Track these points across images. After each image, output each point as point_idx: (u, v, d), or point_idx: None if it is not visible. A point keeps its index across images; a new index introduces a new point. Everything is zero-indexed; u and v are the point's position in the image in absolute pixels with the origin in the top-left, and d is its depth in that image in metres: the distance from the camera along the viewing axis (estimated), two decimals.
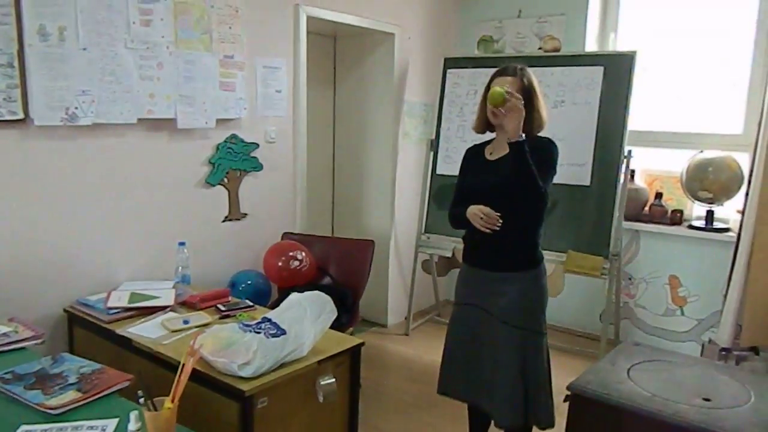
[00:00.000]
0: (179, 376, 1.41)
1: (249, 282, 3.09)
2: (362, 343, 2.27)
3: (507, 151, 2.17)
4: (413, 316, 4.35)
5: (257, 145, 3.22)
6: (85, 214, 2.54)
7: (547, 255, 3.70)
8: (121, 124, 2.58)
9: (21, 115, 2.26)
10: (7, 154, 2.27)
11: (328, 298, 2.14)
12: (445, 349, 2.42)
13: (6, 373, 1.65)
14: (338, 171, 4.54)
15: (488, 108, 2.18)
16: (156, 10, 2.62)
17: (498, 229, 2.17)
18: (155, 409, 1.39)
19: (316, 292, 2.17)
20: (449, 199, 4.10)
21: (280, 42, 3.30)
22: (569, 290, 4.29)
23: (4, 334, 1.93)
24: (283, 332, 2.00)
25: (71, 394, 1.56)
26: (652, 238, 3.95)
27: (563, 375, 2.30)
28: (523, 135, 2.11)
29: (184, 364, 1.46)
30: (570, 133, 3.67)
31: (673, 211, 3.93)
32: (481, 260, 2.31)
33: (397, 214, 4.29)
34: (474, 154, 2.41)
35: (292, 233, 3.42)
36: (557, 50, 4.17)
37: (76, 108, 2.40)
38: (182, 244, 2.76)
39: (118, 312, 2.36)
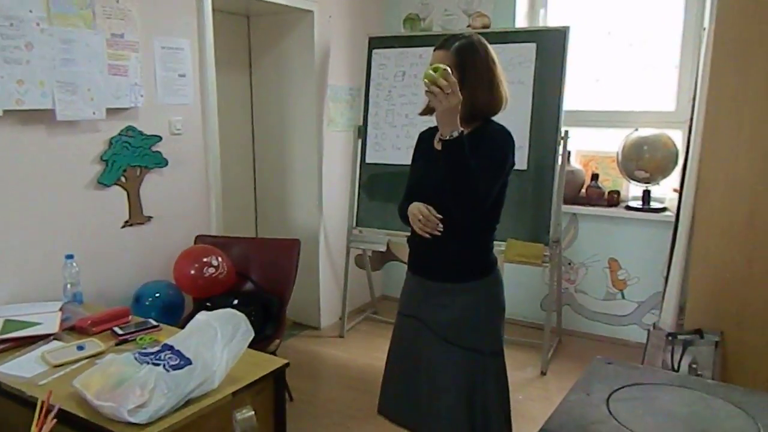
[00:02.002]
0: None
1: (157, 295, 2.70)
2: (287, 364, 1.95)
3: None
4: (348, 316, 4.06)
5: (160, 138, 2.81)
6: None
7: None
8: None
9: None
10: None
11: (242, 316, 1.81)
12: (385, 363, 2.11)
13: None
14: (259, 163, 4.17)
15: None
16: None
17: (439, 234, 1.82)
18: None
19: (228, 310, 1.84)
20: (381, 190, 3.88)
21: (182, 19, 2.89)
22: (508, 278, 4.09)
23: None
24: (188, 362, 1.66)
25: None
26: (590, 221, 3.84)
27: (509, 368, 2.05)
28: (460, 130, 1.67)
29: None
30: (504, 115, 3.45)
31: (609, 192, 3.82)
32: (422, 267, 1.99)
33: (326, 208, 3.98)
34: (425, 139, 2.00)
35: (206, 236, 3.04)
36: (487, 27, 3.96)
37: None
38: (70, 257, 2.34)
39: None
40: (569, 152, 3.76)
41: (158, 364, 1.64)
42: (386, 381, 2.09)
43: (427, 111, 1.90)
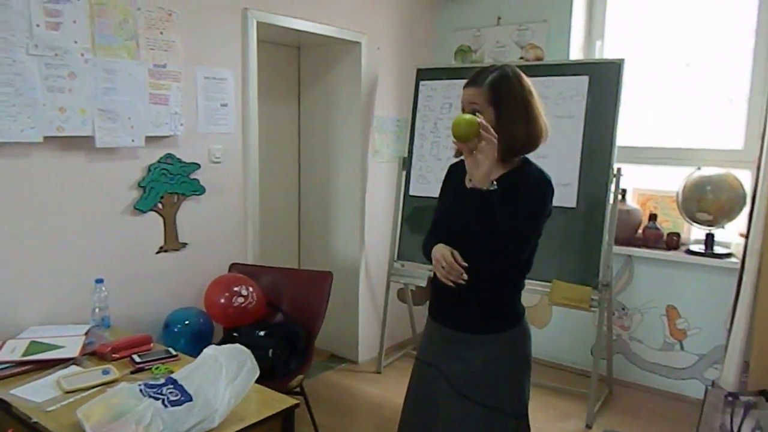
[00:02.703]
0: None
1: (187, 322, 2.70)
2: (296, 405, 1.87)
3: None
4: (387, 351, 3.95)
5: (198, 166, 2.84)
6: None
7: (531, 285, 3.35)
8: (24, 143, 2.21)
9: None
10: None
11: (248, 352, 1.75)
12: (402, 410, 1.97)
13: None
14: (304, 193, 4.17)
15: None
16: (66, 11, 2.26)
17: (463, 283, 1.66)
18: None
19: (236, 345, 1.78)
20: (424, 223, 3.77)
21: (226, 50, 2.94)
22: (557, 322, 3.91)
23: None
24: (189, 398, 1.61)
25: None
26: (647, 264, 3.58)
27: (551, 418, 1.87)
28: (495, 183, 1.55)
29: None
30: (553, 150, 3.30)
31: (669, 235, 3.57)
32: (442, 314, 1.83)
33: (368, 240, 3.92)
34: (454, 173, 1.86)
35: (241, 264, 3.03)
36: (540, 59, 3.85)
37: None
38: (100, 281, 2.38)
39: (6, 367, 1.97)
40: (624, 190, 3.56)
41: (158, 399, 1.60)
42: (400, 428, 1.96)
43: (461, 153, 1.73)
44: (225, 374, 1.68)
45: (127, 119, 2.49)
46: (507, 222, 1.57)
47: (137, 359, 2.08)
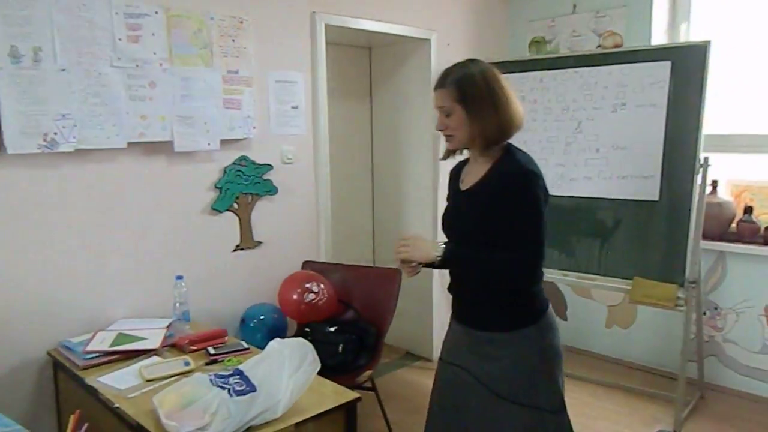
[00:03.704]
0: None
1: (262, 318, 2.80)
2: (358, 398, 1.90)
3: (478, 177, 1.71)
4: None
5: (271, 167, 2.94)
6: (72, 247, 2.35)
7: (612, 282, 3.21)
8: (110, 149, 2.38)
9: None
10: None
11: (310, 346, 1.80)
12: (427, 413, 1.92)
13: None
14: (377, 191, 4.21)
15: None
16: (145, 25, 2.41)
17: (414, 275, 1.73)
18: None
19: (299, 339, 1.83)
20: None
21: (296, 54, 3.03)
22: (644, 321, 3.72)
23: None
24: (253, 389, 1.68)
25: None
26: (742, 261, 3.32)
27: (636, 423, 1.77)
28: (439, 258, 1.66)
29: None
30: (633, 141, 3.16)
31: (766, 228, 3.29)
32: (465, 316, 1.81)
33: (441, 237, 3.88)
34: (454, 177, 1.87)
35: (313, 262, 3.11)
36: (619, 46, 3.68)
37: (56, 133, 2.22)
38: (180, 277, 2.52)
39: (96, 356, 2.13)
40: (715, 182, 3.33)
41: (224, 388, 1.68)
42: (428, 429, 1.91)
43: (447, 155, 1.82)
44: (288, 366, 1.73)
45: (203, 124, 2.62)
46: (509, 235, 1.62)
47: (212, 351, 2.19)
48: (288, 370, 1.73)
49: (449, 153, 1.80)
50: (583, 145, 3.31)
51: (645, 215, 3.11)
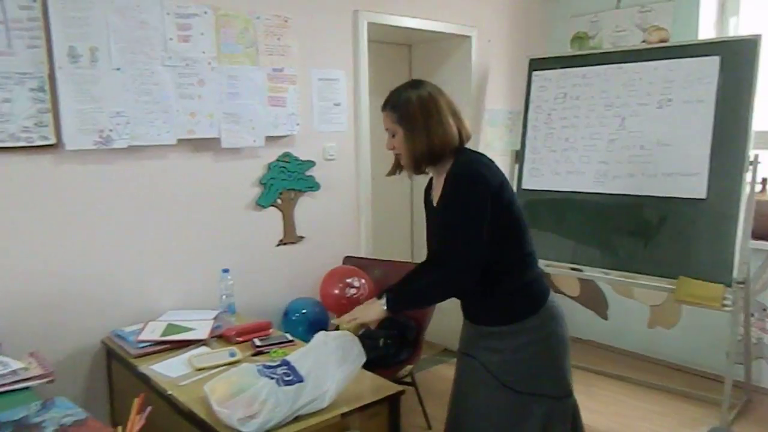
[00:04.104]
0: None
1: (304, 311, 2.85)
2: (402, 392, 1.93)
3: (440, 192, 1.79)
4: None
5: (313, 163, 2.99)
6: (124, 241, 2.44)
7: (655, 281, 3.16)
8: (161, 146, 2.46)
9: (53, 140, 2.19)
10: (40, 180, 2.21)
11: (356, 339, 1.83)
12: (449, 402, 1.98)
13: None
14: (416, 188, 4.22)
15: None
16: (195, 25, 2.48)
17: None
18: None
19: (345, 332, 1.86)
20: (538, 217, 3.68)
21: (339, 52, 3.07)
22: (688, 321, 3.64)
23: (13, 372, 1.82)
24: (300, 379, 1.72)
25: None
26: None
27: (679, 424, 1.77)
28: (384, 307, 1.77)
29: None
30: (679, 137, 3.10)
31: None
32: (470, 313, 1.90)
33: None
34: (426, 193, 1.97)
35: (354, 257, 3.15)
36: (665, 41, 3.61)
37: (111, 130, 2.30)
38: (226, 271, 2.59)
39: (148, 345, 2.21)
40: (765, 180, 3.25)
41: (273, 378, 1.72)
42: (447, 419, 1.96)
43: (393, 171, 1.92)
44: (334, 358, 1.77)
45: (248, 121, 2.68)
46: (423, 288, 1.83)
47: (258, 343, 2.25)
48: (334, 361, 1.76)
49: (393, 170, 1.91)
50: (626, 142, 3.27)
51: (691, 213, 3.05)
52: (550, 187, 3.59)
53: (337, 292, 2.82)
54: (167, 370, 2.05)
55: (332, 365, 1.76)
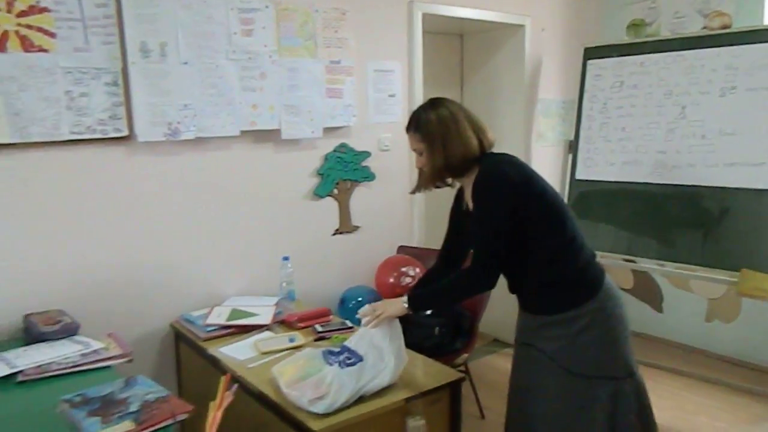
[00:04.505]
0: (210, 424, 1.23)
1: (360, 299, 2.89)
2: (463, 378, 1.96)
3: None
4: None
5: (369, 154, 3.04)
6: (190, 228, 2.54)
7: (715, 274, 3.09)
8: (224, 137, 2.54)
9: (126, 132, 2.30)
10: (113, 170, 2.32)
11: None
12: (509, 393, 2.03)
13: (77, 396, 1.61)
14: None
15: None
16: (257, 19, 2.55)
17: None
18: None
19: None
20: (591, 208, 3.64)
21: (394, 43, 3.10)
22: (748, 315, 3.55)
23: (95, 351, 1.93)
24: (360, 359, 1.79)
25: (125, 425, 1.46)
26: None
27: (739, 421, 1.76)
28: (406, 306, 1.84)
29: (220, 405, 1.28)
30: (743, 126, 3.02)
31: None
32: (528, 305, 1.93)
33: None
34: (459, 200, 2.03)
35: (408, 247, 3.19)
36: (727, 27, 3.49)
37: (179, 123, 2.39)
38: (286, 258, 2.66)
39: (215, 329, 2.30)
40: None
41: (336, 362, 1.79)
42: (507, 410, 2.00)
43: (417, 188, 1.98)
44: (382, 334, 1.83)
45: (307, 112, 2.74)
46: (440, 291, 1.89)
47: (319, 329, 2.31)
48: (383, 337, 1.83)
49: (417, 188, 1.98)
50: (686, 131, 3.19)
51: (755, 204, 2.97)
52: (604, 177, 3.54)
53: (392, 280, 2.87)
54: (235, 353, 2.13)
55: (385, 342, 1.82)
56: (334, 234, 2.99)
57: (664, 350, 3.83)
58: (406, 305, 1.84)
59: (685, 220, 3.21)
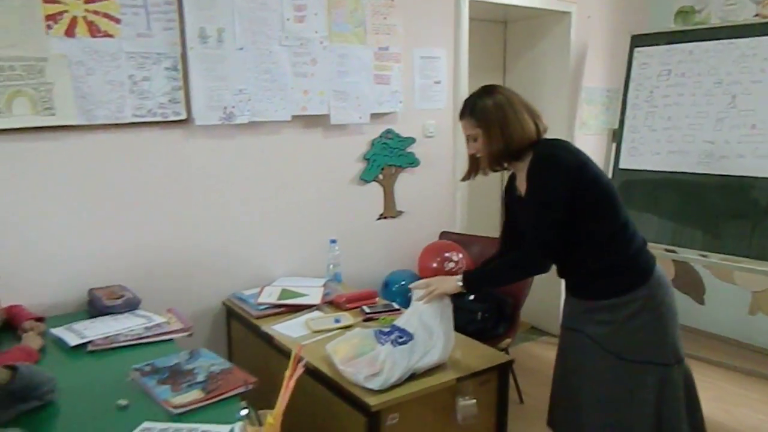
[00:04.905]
0: (283, 392, 1.29)
1: (403, 283, 2.95)
2: (512, 361, 2.00)
3: (525, 184, 1.85)
4: None
5: (414, 140, 3.07)
6: (243, 210, 2.62)
7: (763, 266, 3.05)
8: (276, 122, 2.61)
9: (184, 116, 2.37)
10: (172, 152, 2.40)
11: (447, 297, 1.92)
12: (553, 377, 2.05)
13: (147, 365, 1.70)
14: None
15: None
16: (310, 5, 2.59)
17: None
18: (259, 423, 1.29)
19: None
20: (636, 198, 3.62)
21: (440, 30, 3.11)
22: None
23: (158, 325, 2.02)
24: (411, 337, 1.84)
25: (195, 394, 1.54)
26: None
27: None
28: (461, 284, 1.87)
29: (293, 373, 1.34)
30: None
31: None
32: (577, 290, 1.93)
33: None
34: (509, 190, 2.02)
35: (450, 232, 3.22)
36: None
37: (233, 107, 2.46)
38: (333, 241, 2.73)
39: (267, 308, 2.38)
40: None
41: (388, 341, 1.84)
42: (552, 394, 2.03)
43: (468, 175, 1.99)
44: (432, 314, 1.88)
45: (355, 98, 2.79)
46: (494, 271, 1.96)
47: (367, 310, 2.37)
48: (433, 316, 1.87)
49: (468, 175, 1.99)
50: (736, 121, 3.15)
51: None
52: (648, 167, 3.51)
53: (435, 265, 2.90)
54: (288, 330, 2.20)
55: (435, 321, 1.86)
56: (378, 219, 3.04)
57: (704, 342, 3.80)
58: (460, 284, 1.86)
59: (732, 211, 3.17)
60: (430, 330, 1.86)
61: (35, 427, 1.42)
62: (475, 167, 1.95)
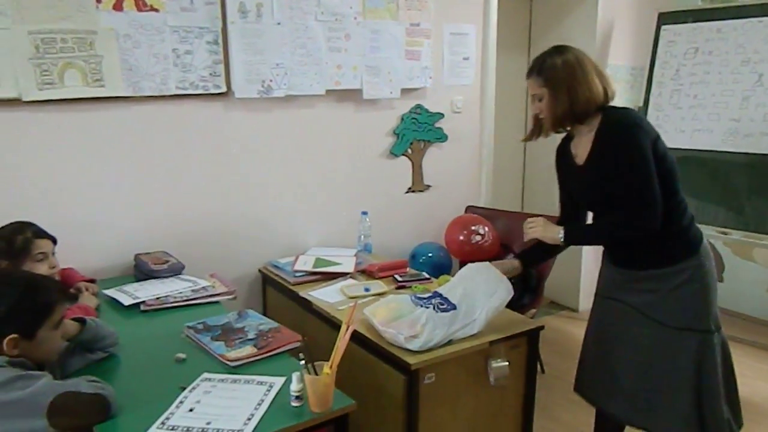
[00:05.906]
0: (338, 344, 1.39)
1: (430, 255, 3.04)
2: (541, 327, 2.09)
3: (588, 149, 1.85)
4: None
5: (442, 115, 3.13)
6: (278, 181, 2.71)
7: None
8: (311, 96, 2.68)
9: (224, 89, 2.45)
10: (213, 124, 2.49)
11: (503, 277, 1.99)
12: (582, 344, 2.10)
13: (199, 323, 1.81)
14: (531, 144, 4.27)
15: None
16: None
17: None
18: (315, 373, 1.39)
19: (492, 268, 2.02)
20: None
21: (470, 6, 3.15)
22: None
23: (203, 288, 2.13)
24: (453, 307, 1.92)
25: (248, 349, 1.65)
26: None
27: None
28: (561, 235, 1.90)
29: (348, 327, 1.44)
30: None
31: None
32: (623, 260, 1.95)
33: None
34: (563, 154, 2.02)
35: (476, 207, 3.30)
36: None
37: (271, 81, 2.53)
38: (365, 213, 2.81)
39: (303, 275, 2.48)
40: None
41: (429, 307, 1.93)
42: (583, 361, 2.08)
43: (530, 136, 1.99)
44: (482, 290, 1.95)
45: (387, 74, 2.85)
46: (607, 223, 1.89)
47: (399, 278, 2.46)
48: (482, 293, 1.94)
49: (530, 135, 1.99)
50: (763, 99, 3.17)
51: None
52: (673, 144, 3.49)
53: (462, 238, 2.98)
54: (324, 296, 2.30)
55: (480, 296, 1.94)
56: (406, 192, 3.12)
57: (723, 318, 3.85)
58: (561, 236, 1.89)
59: (756, 188, 3.21)
60: (473, 304, 1.92)
61: (103, 376, 1.53)
62: (537, 129, 1.94)
